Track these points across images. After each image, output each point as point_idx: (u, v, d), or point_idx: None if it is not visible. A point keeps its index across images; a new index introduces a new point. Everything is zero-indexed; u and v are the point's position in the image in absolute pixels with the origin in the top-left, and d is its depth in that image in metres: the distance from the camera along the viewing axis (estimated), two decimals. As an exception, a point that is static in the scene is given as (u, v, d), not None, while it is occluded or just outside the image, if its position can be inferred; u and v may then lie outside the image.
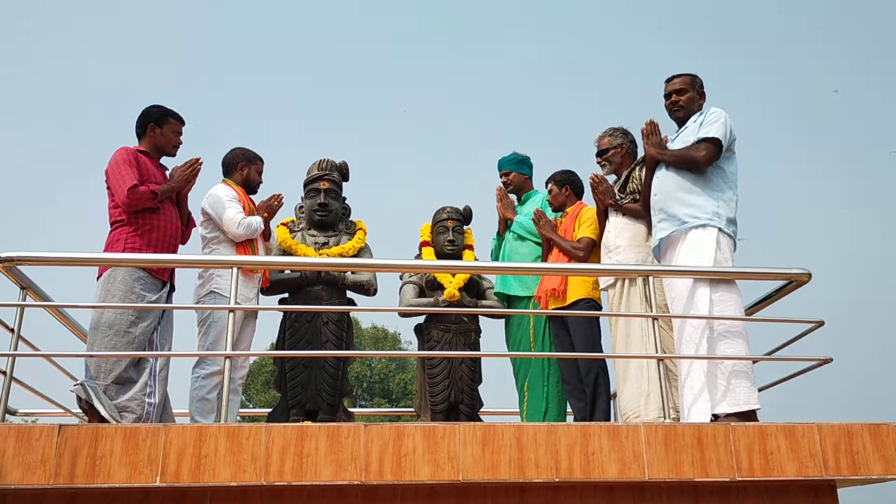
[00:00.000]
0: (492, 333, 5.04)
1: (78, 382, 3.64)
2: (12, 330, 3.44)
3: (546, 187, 4.94)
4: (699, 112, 4.14)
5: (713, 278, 3.73)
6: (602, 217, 4.52)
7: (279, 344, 4.51)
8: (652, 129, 4.12)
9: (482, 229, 5.16)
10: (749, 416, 3.54)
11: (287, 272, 4.53)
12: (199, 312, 4.23)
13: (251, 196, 4.61)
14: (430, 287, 4.71)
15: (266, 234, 4.58)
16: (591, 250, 4.57)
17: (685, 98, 4.16)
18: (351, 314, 4.71)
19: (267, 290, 4.55)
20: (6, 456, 2.88)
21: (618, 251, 4.33)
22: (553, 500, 3.23)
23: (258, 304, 4.43)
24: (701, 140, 3.92)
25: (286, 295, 4.59)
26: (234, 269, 3.55)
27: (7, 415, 3.47)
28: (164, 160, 4.24)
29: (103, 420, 3.53)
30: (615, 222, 4.41)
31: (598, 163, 4.67)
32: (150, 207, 3.93)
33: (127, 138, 4.20)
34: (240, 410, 5.44)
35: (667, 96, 4.22)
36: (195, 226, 4.37)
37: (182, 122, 4.26)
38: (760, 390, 3.83)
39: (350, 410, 4.60)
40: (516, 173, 5.17)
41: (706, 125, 3.95)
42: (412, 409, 4.97)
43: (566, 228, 4.69)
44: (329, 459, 2.99)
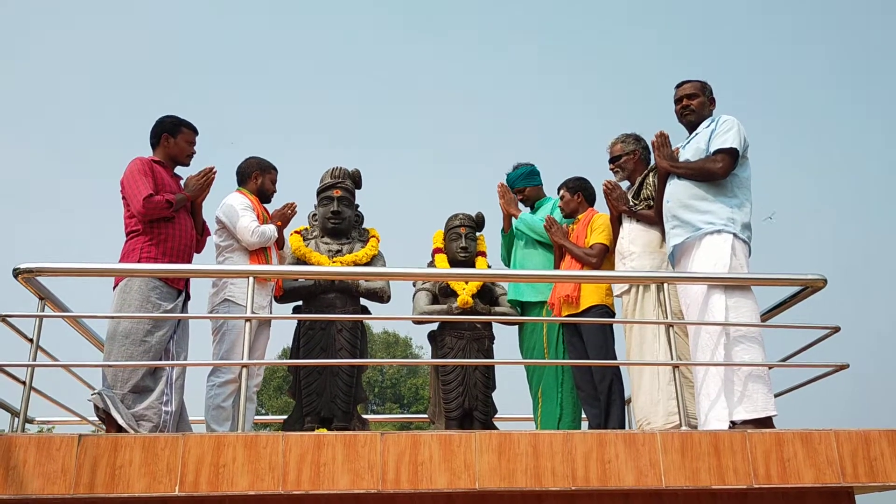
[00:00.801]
0: (505, 340, 5.04)
1: (96, 392, 3.67)
2: (31, 340, 3.47)
3: (558, 193, 4.93)
4: (710, 118, 4.13)
5: (728, 284, 3.72)
6: (615, 223, 4.52)
7: (294, 351, 4.53)
8: (662, 142, 4.12)
9: (495, 235, 5.17)
10: (765, 423, 3.53)
11: (301, 280, 4.55)
12: (214, 321, 4.26)
13: (265, 205, 4.63)
14: (444, 294, 4.72)
15: (280, 243, 4.61)
16: (604, 257, 4.56)
17: (696, 103, 4.16)
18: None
19: (281, 298, 4.57)
20: (27, 466, 2.91)
21: (632, 257, 4.32)
22: (569, 509, 3.24)
23: (271, 311, 4.45)
24: (717, 151, 3.91)
25: (300, 302, 4.61)
26: (250, 279, 3.57)
27: (25, 423, 3.51)
28: (179, 170, 4.27)
29: (121, 429, 3.55)
30: (629, 228, 4.40)
31: (611, 169, 4.67)
32: (166, 217, 3.96)
33: (142, 149, 4.24)
34: (255, 417, 5.46)
35: (677, 101, 4.22)
36: (210, 234, 4.40)
37: (195, 132, 4.28)
38: (776, 396, 3.82)
39: (364, 417, 4.61)
40: (530, 187, 5.14)
41: (720, 134, 3.94)
42: (426, 416, 4.98)
43: (578, 235, 4.68)
44: (346, 468, 3.00)
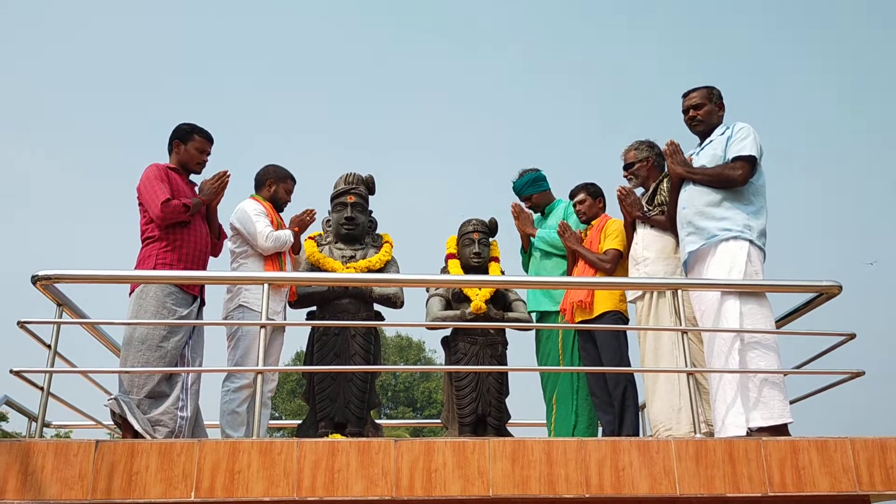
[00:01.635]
0: (519, 346, 5.04)
1: (112, 397, 3.70)
2: (49, 346, 3.50)
3: (572, 198, 4.91)
4: (723, 125, 4.13)
5: (744, 291, 3.71)
6: (629, 229, 4.52)
7: (308, 357, 4.55)
8: (675, 149, 4.12)
9: (508, 241, 5.17)
10: (781, 430, 3.52)
11: (315, 285, 4.57)
12: (228, 327, 4.28)
13: (280, 214, 4.65)
14: (457, 299, 4.73)
15: (296, 248, 4.62)
16: (618, 262, 4.56)
17: (703, 112, 4.16)
18: (377, 325, 4.74)
19: (295, 304, 4.60)
20: (45, 471, 2.94)
21: (646, 263, 4.32)
22: (583, 516, 3.23)
23: (285, 317, 4.48)
24: (736, 158, 3.91)
25: (314, 308, 4.63)
26: (266, 286, 3.60)
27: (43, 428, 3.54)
28: (195, 178, 4.31)
29: (137, 434, 3.58)
30: (643, 234, 4.40)
31: (625, 176, 4.66)
32: (182, 221, 3.99)
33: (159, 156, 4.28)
34: (269, 422, 5.48)
35: (685, 111, 4.22)
36: (226, 237, 4.43)
37: (209, 141, 4.30)
38: (791, 403, 3.80)
39: (378, 423, 4.63)
40: (537, 194, 5.15)
41: (737, 142, 3.94)
42: (439, 421, 4.99)
43: (591, 240, 4.68)
44: (360, 474, 3.02)
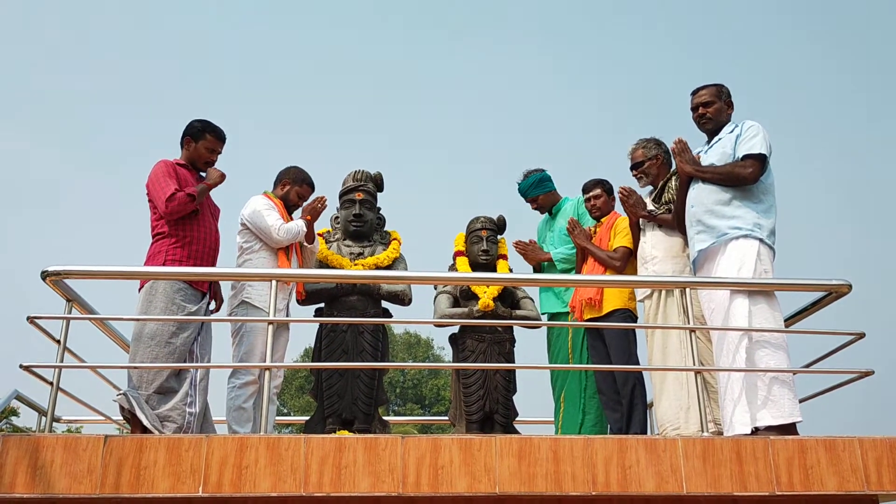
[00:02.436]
0: (526, 343, 5.04)
1: (121, 392, 3.72)
2: (58, 341, 3.52)
3: (587, 192, 4.85)
4: (732, 123, 4.11)
5: (753, 289, 3.70)
6: (635, 229, 4.51)
7: (316, 353, 4.56)
8: (683, 147, 4.10)
9: (516, 237, 5.16)
10: (789, 430, 3.51)
11: (323, 282, 4.58)
12: (233, 323, 4.29)
13: (290, 214, 4.64)
14: (465, 297, 4.73)
15: (310, 238, 4.61)
16: (628, 260, 4.55)
17: (712, 110, 4.14)
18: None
19: (304, 301, 4.60)
20: (54, 466, 2.96)
21: (654, 262, 4.31)
22: (590, 514, 3.23)
23: (289, 314, 4.49)
24: (746, 156, 3.90)
25: (322, 304, 4.64)
26: (273, 283, 3.61)
27: (53, 422, 3.57)
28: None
29: (145, 429, 3.60)
30: (651, 234, 4.39)
31: (635, 175, 4.62)
32: (192, 218, 4.00)
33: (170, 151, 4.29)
34: (277, 418, 5.50)
35: (694, 109, 4.20)
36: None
37: (220, 140, 4.30)
38: (800, 402, 3.79)
39: (385, 419, 4.63)
40: (543, 195, 5.11)
41: (747, 140, 3.93)
42: (446, 418, 4.99)
43: (601, 238, 4.67)
44: (367, 471, 3.03)
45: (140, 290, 3.93)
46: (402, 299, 4.66)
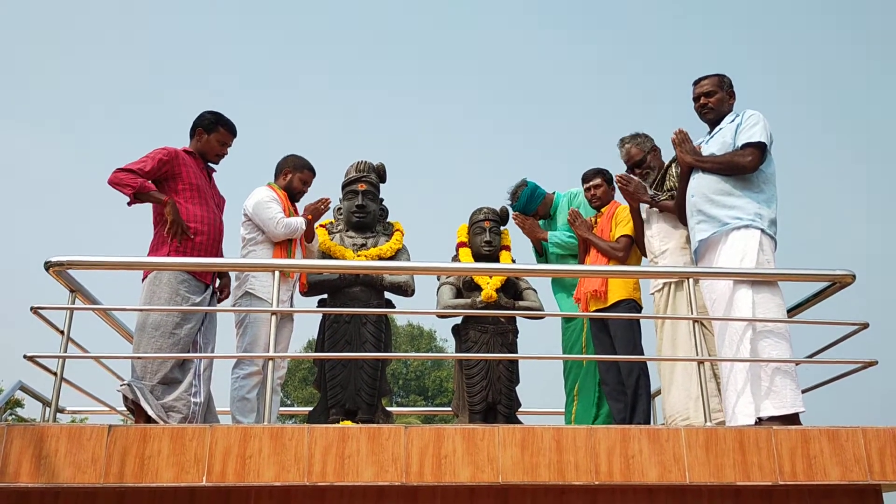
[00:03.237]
0: (529, 334, 5.04)
1: (125, 382, 3.72)
2: (62, 332, 3.53)
3: (588, 181, 4.82)
4: (733, 113, 4.10)
5: (756, 280, 3.69)
6: (636, 215, 4.49)
7: (319, 344, 4.57)
8: (684, 138, 4.09)
9: (518, 231, 5.14)
10: (792, 420, 3.51)
11: (326, 273, 4.58)
12: (237, 314, 4.30)
13: (294, 204, 4.65)
14: (468, 288, 4.73)
15: (309, 236, 4.62)
16: (631, 249, 4.54)
17: (714, 100, 4.12)
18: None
19: (307, 292, 4.61)
20: (58, 455, 2.96)
21: (664, 256, 4.30)
22: (593, 503, 3.24)
23: (292, 304, 4.49)
24: (745, 145, 3.88)
25: (325, 295, 4.64)
26: (276, 273, 3.61)
27: (57, 413, 3.57)
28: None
29: (150, 419, 3.61)
30: (659, 228, 4.37)
31: (639, 174, 4.55)
32: (197, 209, 4.00)
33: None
34: (280, 409, 5.50)
35: (695, 99, 4.18)
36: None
37: (232, 134, 4.30)
38: (803, 392, 3.78)
39: (388, 410, 4.64)
40: (541, 204, 5.07)
41: (747, 129, 3.91)
42: (449, 409, 5.00)
43: (602, 228, 4.66)
44: (370, 460, 3.03)
45: (143, 281, 3.93)
46: (405, 290, 4.67)
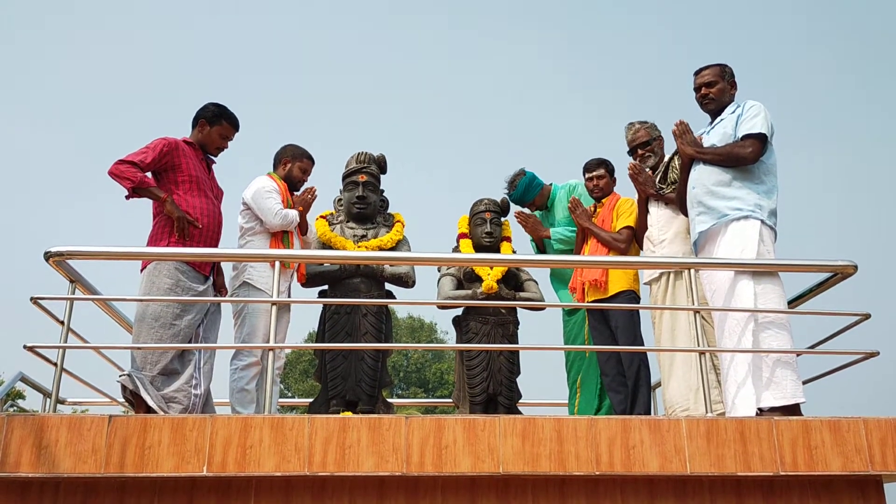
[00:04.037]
0: (530, 325, 5.03)
1: (125, 373, 3.72)
2: (62, 322, 3.52)
3: (590, 171, 4.79)
4: (735, 103, 4.08)
5: (757, 271, 3.68)
6: (642, 206, 4.48)
7: (319, 335, 4.56)
8: (685, 129, 4.07)
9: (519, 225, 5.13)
10: (793, 410, 3.51)
11: (326, 264, 4.58)
12: (234, 304, 4.29)
13: (293, 193, 4.65)
14: (469, 279, 4.72)
15: (303, 228, 4.61)
16: (632, 241, 4.53)
17: (715, 90, 4.10)
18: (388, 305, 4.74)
19: (307, 283, 4.60)
20: (59, 445, 2.96)
21: (663, 245, 4.29)
22: (593, 494, 3.24)
23: (290, 295, 4.48)
24: (746, 136, 3.86)
25: (326, 287, 4.64)
26: (277, 263, 3.60)
27: (57, 404, 3.57)
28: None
29: (150, 410, 3.60)
30: (658, 216, 4.37)
31: (643, 154, 4.57)
32: (195, 200, 3.99)
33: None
34: (280, 400, 5.51)
35: (696, 89, 4.16)
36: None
37: (235, 128, 4.29)
38: (805, 383, 3.79)
39: (389, 401, 4.64)
40: (538, 195, 5.06)
41: (747, 119, 3.89)
42: (450, 400, 5.00)
43: (603, 219, 4.64)
44: (371, 451, 3.03)
45: (142, 272, 3.93)
46: (406, 281, 4.66)
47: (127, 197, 3.91)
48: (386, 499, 3.16)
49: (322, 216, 4.81)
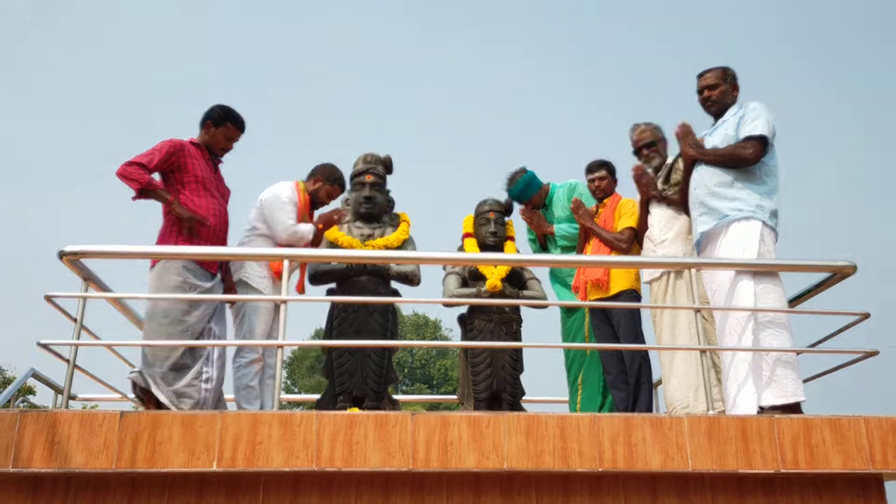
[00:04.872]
0: (534, 324, 5.06)
1: (136, 370, 3.78)
2: (75, 320, 3.58)
3: (592, 172, 4.83)
4: (737, 105, 4.11)
5: (757, 271, 3.72)
6: (644, 207, 4.52)
7: (327, 332, 4.61)
8: (687, 131, 4.11)
9: (523, 222, 5.17)
10: (793, 409, 3.54)
11: (334, 263, 4.62)
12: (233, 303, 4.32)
13: (313, 211, 4.66)
14: (473, 277, 4.77)
15: (316, 244, 4.59)
16: (633, 241, 4.57)
17: (717, 92, 4.13)
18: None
19: (315, 281, 4.65)
20: (71, 441, 3.02)
21: (664, 244, 4.33)
22: (596, 490, 3.28)
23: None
24: (747, 138, 3.90)
25: (333, 285, 4.69)
26: (286, 262, 3.65)
27: (69, 400, 3.63)
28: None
29: (161, 406, 3.65)
30: (659, 215, 4.40)
31: (647, 154, 4.60)
32: (202, 199, 4.03)
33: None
34: (287, 396, 5.53)
35: (699, 91, 4.20)
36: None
37: (240, 130, 4.33)
38: (805, 382, 3.82)
39: (395, 398, 4.69)
40: (536, 194, 5.07)
41: (749, 121, 3.93)
42: (455, 397, 5.05)
43: (605, 219, 4.68)
44: (377, 447, 3.08)
45: (151, 269, 3.97)
46: (412, 280, 4.71)
47: (134, 198, 3.96)
48: (392, 494, 3.21)
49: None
